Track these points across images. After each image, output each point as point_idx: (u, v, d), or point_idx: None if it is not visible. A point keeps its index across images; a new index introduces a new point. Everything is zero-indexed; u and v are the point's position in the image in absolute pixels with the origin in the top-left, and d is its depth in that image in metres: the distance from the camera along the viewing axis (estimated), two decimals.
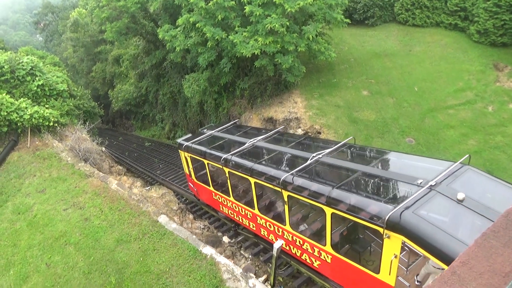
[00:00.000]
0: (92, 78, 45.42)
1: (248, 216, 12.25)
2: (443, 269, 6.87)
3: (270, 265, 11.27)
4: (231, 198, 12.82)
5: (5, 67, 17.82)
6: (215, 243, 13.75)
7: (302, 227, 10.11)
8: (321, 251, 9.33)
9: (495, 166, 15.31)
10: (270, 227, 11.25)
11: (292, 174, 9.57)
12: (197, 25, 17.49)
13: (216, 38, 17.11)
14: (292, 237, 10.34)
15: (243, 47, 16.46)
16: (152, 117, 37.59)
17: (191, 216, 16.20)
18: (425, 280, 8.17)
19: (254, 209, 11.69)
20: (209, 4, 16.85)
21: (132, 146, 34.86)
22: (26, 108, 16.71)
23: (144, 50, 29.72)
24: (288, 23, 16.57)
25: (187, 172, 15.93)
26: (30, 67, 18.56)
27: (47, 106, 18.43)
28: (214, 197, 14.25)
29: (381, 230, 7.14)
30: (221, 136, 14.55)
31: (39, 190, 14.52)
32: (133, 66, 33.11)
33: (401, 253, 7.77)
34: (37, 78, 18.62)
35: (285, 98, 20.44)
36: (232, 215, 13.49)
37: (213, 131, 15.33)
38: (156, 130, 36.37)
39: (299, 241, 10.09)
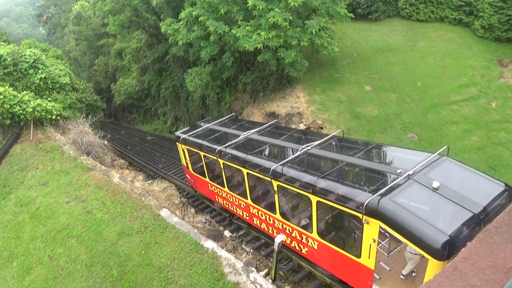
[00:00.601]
0: (94, 71, 45.39)
1: (242, 206, 12.69)
2: (418, 254, 7.13)
3: (271, 260, 11.31)
4: (226, 189, 13.28)
5: (8, 59, 17.81)
6: (217, 237, 13.80)
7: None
8: (308, 238, 9.82)
9: (498, 163, 15.27)
10: (262, 216, 11.68)
11: (281, 164, 10.01)
12: (199, 18, 17.42)
13: (218, 32, 17.04)
14: (282, 225, 10.78)
15: (245, 41, 16.39)
16: (154, 111, 37.58)
17: (192, 210, 16.25)
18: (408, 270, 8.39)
19: (247, 199, 12.13)
20: None
21: (134, 140, 34.91)
22: (28, 101, 16.72)
23: (146, 44, 29.64)
24: (291, 17, 16.48)
25: (185, 164, 16.36)
26: (33, 60, 18.55)
27: (49, 99, 18.44)
28: (210, 188, 14.65)
29: (360, 216, 7.56)
30: (217, 129, 14.93)
31: (42, 182, 14.58)
32: (136, 59, 33.06)
33: (384, 240, 8.23)
34: (39, 71, 18.61)
35: (287, 93, 20.38)
36: (227, 206, 13.91)
37: (210, 124, 15.75)
38: (158, 124, 36.39)
39: (289, 229, 10.56)
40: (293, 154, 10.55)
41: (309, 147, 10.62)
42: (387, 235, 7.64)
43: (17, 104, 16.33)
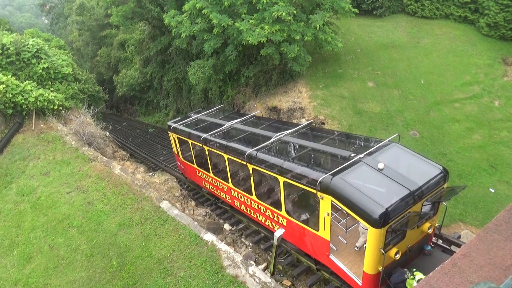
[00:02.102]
0: (97, 62, 45.29)
1: (224, 189, 13.71)
2: (366, 228, 7.95)
3: (271, 253, 11.37)
4: (211, 174, 14.33)
5: (11, 49, 17.77)
6: (216, 230, 13.86)
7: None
8: (278, 216, 10.91)
9: (499, 161, 15.26)
10: (241, 198, 12.74)
11: (256, 150, 11.09)
12: (203, 11, 17.33)
13: (222, 25, 16.96)
14: (258, 205, 11.84)
15: (249, 35, 16.33)
16: (156, 103, 37.55)
17: (193, 203, 16.30)
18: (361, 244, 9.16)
19: (228, 183, 13.15)
20: None
21: (136, 132, 34.93)
22: (31, 90, 16.71)
23: (149, 36, 29.54)
24: (295, 12, 16.39)
25: (175, 152, 17.29)
26: (36, 50, 18.51)
27: (52, 89, 18.42)
28: (197, 174, 15.65)
29: (315, 192, 8.70)
30: (205, 119, 15.90)
31: (43, 172, 14.62)
32: (138, 51, 32.95)
33: (344, 219, 9.14)
34: (42, 61, 18.58)
35: (290, 88, 20.34)
36: (212, 190, 14.95)
37: (199, 115, 16.68)
38: (160, 116, 36.36)
39: (263, 209, 11.63)
40: (268, 141, 11.57)
41: (282, 135, 11.70)
42: (345, 212, 8.46)
43: (19, 93, 16.32)
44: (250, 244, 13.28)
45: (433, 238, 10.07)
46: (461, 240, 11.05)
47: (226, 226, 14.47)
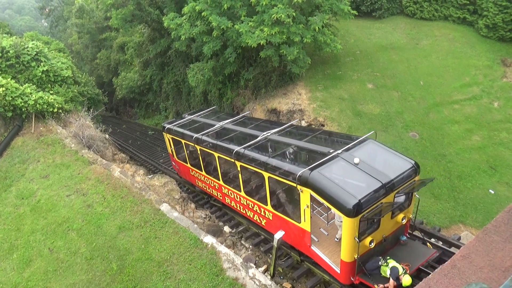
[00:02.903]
0: (96, 65, 45.31)
1: (216, 187, 14.22)
2: (341, 221, 8.47)
3: (270, 256, 11.35)
4: (203, 172, 14.78)
5: (10, 52, 17.78)
6: (216, 232, 13.83)
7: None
8: (265, 211, 11.40)
9: (499, 163, 15.26)
10: (231, 195, 13.20)
11: (243, 148, 11.58)
12: (202, 13, 17.37)
13: (221, 27, 16.99)
14: (246, 201, 12.29)
15: (248, 37, 16.35)
16: (155, 106, 37.55)
17: (192, 205, 16.28)
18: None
19: (219, 180, 13.65)
20: None
21: (136, 134, 34.93)
22: (30, 93, 16.71)
23: (149, 38, 29.57)
24: (294, 14, 16.42)
25: (170, 152, 17.72)
26: (35, 53, 18.52)
27: (51, 92, 18.42)
28: (191, 173, 16.12)
29: (296, 185, 9.18)
30: (198, 120, 16.38)
31: (43, 175, 14.61)
32: (138, 54, 32.97)
33: (326, 212, 9.92)
34: (42, 64, 18.59)
35: (289, 90, 20.36)
36: (205, 188, 15.45)
37: (193, 116, 17.16)
38: (160, 118, 36.35)
39: (251, 204, 12.08)
40: (255, 139, 12.07)
41: (268, 134, 12.19)
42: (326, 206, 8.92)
43: (19, 96, 16.32)
44: (250, 246, 13.26)
45: (420, 233, 10.72)
46: (461, 241, 11.05)
47: (226, 229, 14.45)
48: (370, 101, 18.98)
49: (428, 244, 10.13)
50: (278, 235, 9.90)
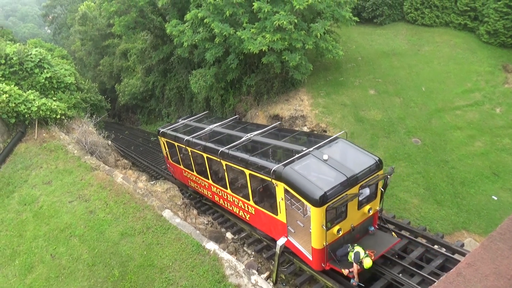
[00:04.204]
0: (99, 71, 45.56)
1: (206, 186, 15.15)
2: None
3: (273, 262, 11.31)
4: (194, 173, 15.73)
5: (14, 58, 17.90)
6: (219, 238, 13.79)
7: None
8: (248, 206, 12.28)
9: (502, 169, 15.21)
10: (220, 193, 14.11)
11: (227, 148, 12.47)
12: (205, 20, 17.48)
13: (224, 34, 17.09)
14: (232, 198, 13.21)
15: (250, 44, 16.43)
16: (158, 112, 37.66)
17: (195, 212, 16.25)
18: None
19: (208, 180, 14.60)
20: None
21: (138, 141, 34.99)
22: (34, 100, 16.79)
23: (151, 45, 29.75)
24: (296, 20, 16.50)
25: (165, 155, 18.70)
26: (39, 60, 18.63)
27: (54, 98, 18.50)
28: (184, 174, 17.08)
29: (271, 180, 10.10)
30: (191, 124, 17.30)
31: (45, 181, 14.63)
32: (141, 60, 33.16)
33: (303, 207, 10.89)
34: (45, 71, 18.69)
35: (291, 96, 20.40)
36: (196, 188, 16.40)
37: (186, 120, 18.20)
38: (162, 125, 36.42)
39: (237, 201, 13.01)
40: (239, 140, 13.01)
41: (252, 135, 13.14)
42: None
43: (22, 103, 16.40)
44: (253, 253, 13.21)
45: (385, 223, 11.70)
46: (464, 248, 10.98)
47: (228, 235, 14.41)
48: (372, 107, 19.00)
49: (393, 233, 11.06)
50: (281, 241, 9.91)
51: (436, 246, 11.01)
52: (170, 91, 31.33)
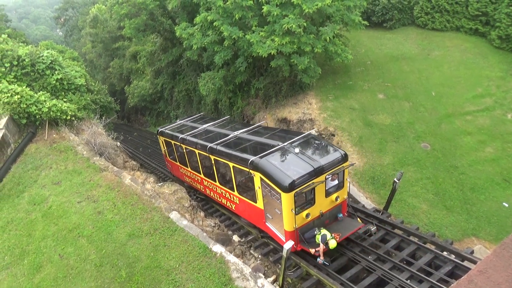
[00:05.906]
0: (109, 73, 46.00)
1: (198, 180, 16.35)
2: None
3: (280, 266, 11.25)
4: (189, 169, 16.92)
5: (26, 60, 18.14)
6: (225, 241, 13.78)
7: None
8: (233, 197, 13.53)
9: None
10: (210, 186, 15.31)
11: (215, 144, 13.73)
12: (214, 23, 17.55)
13: (233, 37, 17.14)
14: (220, 190, 14.47)
15: (259, 47, 16.46)
16: (166, 114, 37.87)
17: (202, 214, 16.27)
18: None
19: (200, 174, 15.83)
20: (227, 3, 16.90)
21: (146, 142, 35.20)
22: (44, 101, 16.97)
23: (161, 47, 29.95)
24: (305, 24, 16.50)
25: (164, 153, 19.95)
26: (50, 61, 18.85)
27: (65, 100, 18.69)
28: (180, 170, 18.32)
29: (248, 170, 11.42)
30: (187, 124, 18.48)
31: (55, 182, 14.77)
32: (150, 62, 33.40)
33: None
34: (56, 72, 18.91)
35: (299, 99, 20.37)
36: (191, 183, 17.58)
37: (183, 121, 19.40)
38: None
39: (224, 192, 14.21)
40: (227, 137, 14.23)
41: (238, 133, 14.41)
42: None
43: (33, 104, 16.59)
44: (259, 256, 13.17)
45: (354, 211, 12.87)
46: (474, 255, 10.82)
47: (235, 238, 14.38)
48: (381, 111, 18.88)
49: (358, 219, 12.15)
50: (288, 245, 9.82)
51: (445, 253, 10.87)
52: (179, 93, 31.49)
